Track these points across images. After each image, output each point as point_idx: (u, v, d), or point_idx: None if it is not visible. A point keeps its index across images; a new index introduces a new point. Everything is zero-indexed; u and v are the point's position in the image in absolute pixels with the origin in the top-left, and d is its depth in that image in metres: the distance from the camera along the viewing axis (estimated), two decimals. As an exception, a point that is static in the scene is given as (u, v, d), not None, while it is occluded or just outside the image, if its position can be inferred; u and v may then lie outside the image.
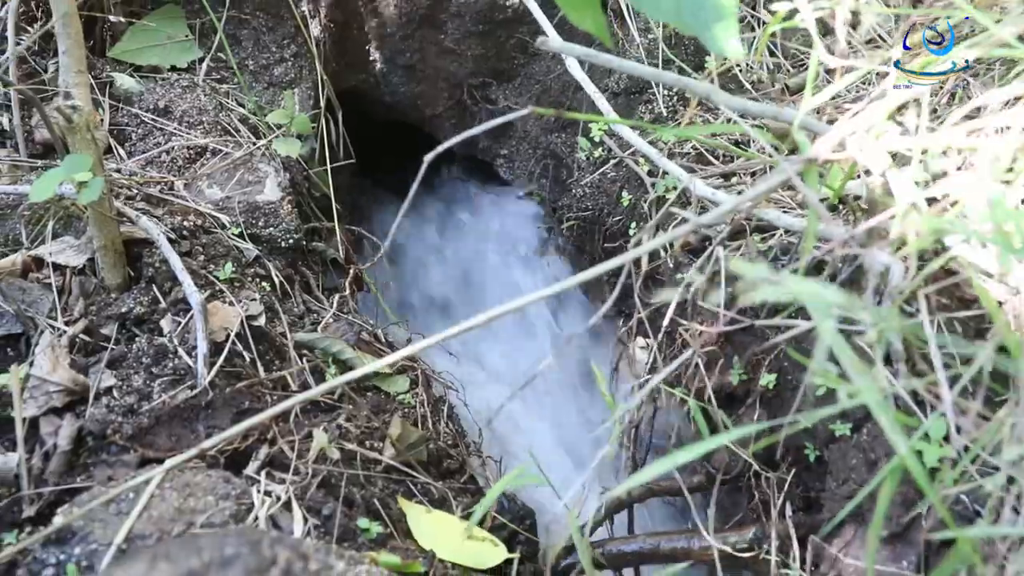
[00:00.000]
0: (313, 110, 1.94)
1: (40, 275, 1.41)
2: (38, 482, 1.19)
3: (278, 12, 1.97)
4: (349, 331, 1.54)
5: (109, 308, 1.37)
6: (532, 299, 0.89)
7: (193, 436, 1.25)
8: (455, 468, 1.48)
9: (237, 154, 1.65)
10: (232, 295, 1.43)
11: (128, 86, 1.74)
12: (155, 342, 1.32)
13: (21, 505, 1.16)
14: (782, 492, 1.30)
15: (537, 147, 2.13)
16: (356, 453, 1.29)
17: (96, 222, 1.35)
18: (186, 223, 1.50)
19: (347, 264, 1.76)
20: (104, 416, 1.23)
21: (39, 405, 1.25)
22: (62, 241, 1.44)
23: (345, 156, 2.01)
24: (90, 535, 1.06)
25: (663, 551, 1.31)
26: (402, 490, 1.32)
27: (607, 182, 1.70)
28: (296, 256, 1.65)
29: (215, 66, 1.89)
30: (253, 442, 1.24)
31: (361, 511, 1.22)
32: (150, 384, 1.27)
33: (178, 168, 1.62)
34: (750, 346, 1.23)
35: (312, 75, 1.98)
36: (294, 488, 1.19)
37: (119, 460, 1.21)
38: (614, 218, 1.67)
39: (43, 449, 1.23)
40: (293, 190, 1.69)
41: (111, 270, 1.39)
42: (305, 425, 1.29)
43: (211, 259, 1.47)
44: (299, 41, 1.98)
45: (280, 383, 1.37)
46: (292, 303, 1.55)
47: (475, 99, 2.18)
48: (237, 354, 1.35)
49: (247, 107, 1.82)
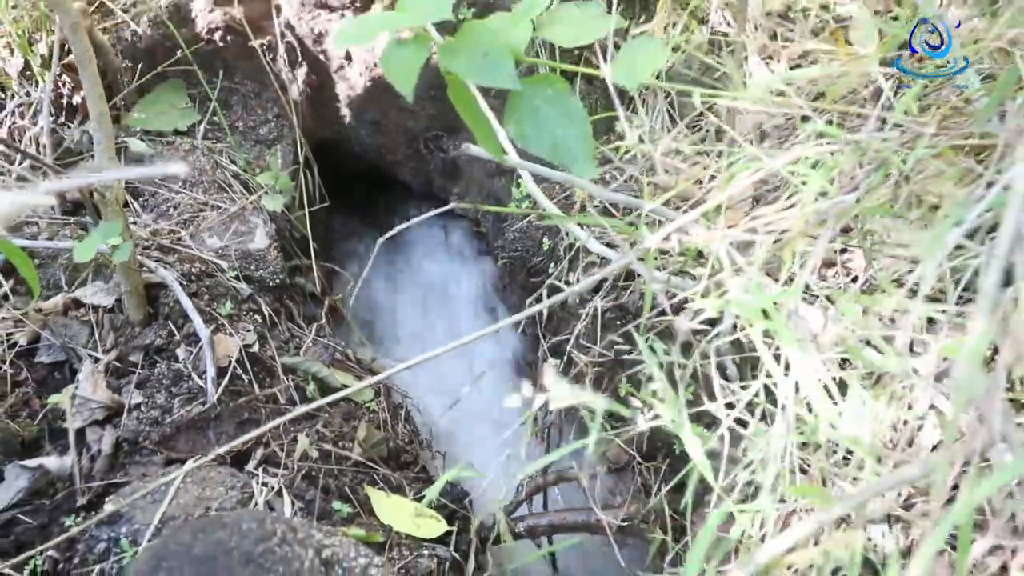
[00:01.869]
0: (293, 164, 2.24)
1: (78, 313, 1.70)
2: (87, 478, 1.49)
3: (262, 79, 2.25)
4: (325, 353, 1.85)
5: (135, 340, 1.66)
6: (476, 336, 1.21)
7: (205, 441, 1.56)
8: (410, 461, 1.79)
9: (232, 209, 1.95)
10: (232, 327, 1.73)
11: (140, 150, 2.02)
12: (173, 367, 1.62)
13: (76, 496, 1.46)
14: (658, 477, 1.63)
15: (481, 189, 2.43)
16: (331, 452, 1.60)
17: (123, 272, 1.64)
18: (193, 269, 1.80)
19: (323, 296, 2.07)
20: (136, 427, 1.54)
21: (84, 418, 1.55)
22: (94, 285, 1.73)
23: (320, 200, 2.31)
24: (133, 518, 1.37)
25: (567, 523, 1.64)
26: (367, 480, 1.64)
27: (532, 229, 2.01)
28: (281, 292, 1.95)
29: (211, 128, 2.18)
30: (252, 445, 1.55)
31: (335, 496, 1.53)
32: (170, 401, 1.58)
33: (184, 221, 1.92)
34: (629, 368, 1.56)
35: (292, 133, 2.28)
36: (284, 480, 1.50)
37: (150, 460, 1.51)
38: (537, 258, 1.98)
39: (89, 453, 1.53)
40: (278, 237, 2.00)
41: (135, 309, 1.69)
42: (291, 431, 1.60)
43: (214, 298, 1.77)
44: (280, 103, 2.27)
45: (271, 398, 1.67)
46: (279, 331, 1.86)
47: (429, 149, 2.47)
48: (237, 376, 1.65)
49: (238, 163, 2.12)
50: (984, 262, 1.04)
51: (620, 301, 1.55)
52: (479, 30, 1.06)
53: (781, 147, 1.49)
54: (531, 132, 1.10)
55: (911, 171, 1.11)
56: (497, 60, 1.03)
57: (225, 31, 2.14)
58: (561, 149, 1.17)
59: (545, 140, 1.13)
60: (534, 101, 1.10)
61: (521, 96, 1.07)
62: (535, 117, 1.11)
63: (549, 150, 1.17)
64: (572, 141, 1.16)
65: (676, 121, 1.95)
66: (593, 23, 1.15)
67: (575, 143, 1.17)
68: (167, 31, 2.05)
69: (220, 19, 2.12)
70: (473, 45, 1.04)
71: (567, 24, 1.15)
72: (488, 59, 1.04)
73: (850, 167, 1.20)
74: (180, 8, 2.09)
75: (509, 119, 1.05)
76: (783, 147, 1.47)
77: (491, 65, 1.03)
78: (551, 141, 1.15)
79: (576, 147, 1.18)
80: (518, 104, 1.07)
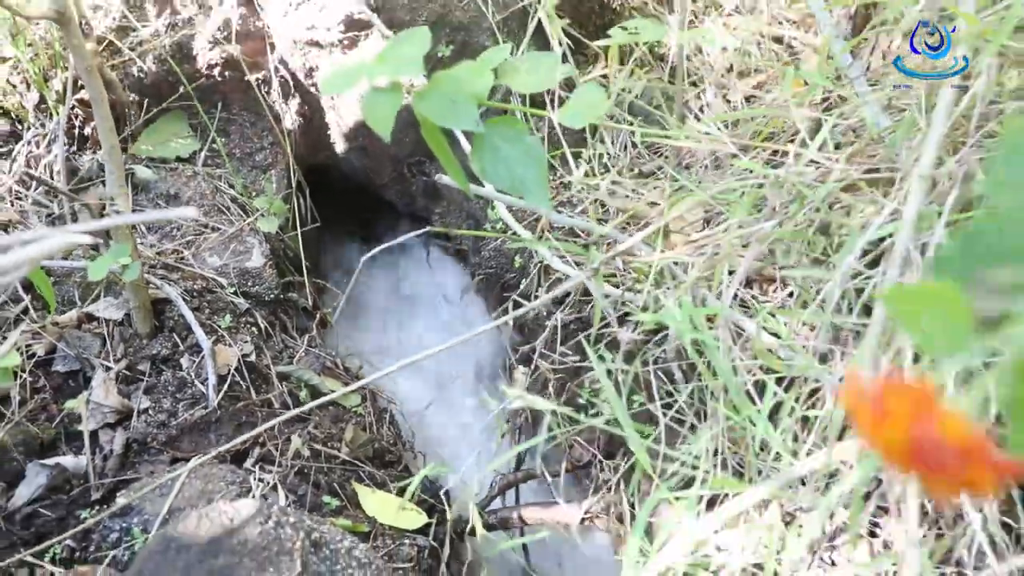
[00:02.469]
0: (287, 188, 2.39)
1: (91, 327, 1.84)
2: (100, 476, 1.63)
3: (258, 110, 2.41)
4: (316, 362, 2.00)
5: (143, 350, 1.81)
6: (447, 346, 1.36)
7: (207, 442, 1.70)
8: (394, 460, 1.94)
9: (230, 230, 2.10)
10: (231, 339, 1.88)
11: (146, 176, 2.17)
12: (177, 375, 1.77)
13: (90, 492, 1.60)
14: (618, 474, 1.78)
15: (461, 209, 2.58)
16: (321, 451, 1.75)
17: (131, 289, 1.78)
18: (195, 286, 1.95)
19: (314, 310, 2.22)
20: (144, 429, 1.68)
21: (97, 421, 1.69)
22: (106, 301, 1.87)
23: (312, 221, 2.46)
24: (143, 510, 1.51)
25: (535, 517, 1.79)
26: (354, 477, 1.78)
27: (505, 247, 2.17)
28: (276, 306, 2.10)
29: (210, 155, 2.33)
30: (250, 445, 1.69)
31: (325, 491, 1.68)
32: (175, 406, 1.72)
33: (186, 242, 2.07)
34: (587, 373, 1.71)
35: (285, 159, 2.43)
36: (278, 476, 1.64)
37: (157, 459, 1.65)
38: (510, 275, 2.14)
39: (102, 453, 1.67)
40: (273, 256, 2.15)
41: (143, 323, 1.83)
42: (286, 432, 1.75)
43: (214, 312, 1.92)
44: (275, 132, 2.42)
45: (267, 403, 1.82)
46: (274, 342, 2.00)
47: (412, 172, 2.63)
48: (236, 383, 1.80)
49: (236, 188, 2.27)
50: (879, 282, 1.20)
51: (581, 314, 1.70)
52: (447, 79, 1.20)
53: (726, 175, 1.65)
54: (493, 168, 1.23)
55: (822, 202, 1.27)
56: (463, 106, 1.17)
57: (223, 67, 2.30)
58: (519, 183, 1.31)
59: (505, 176, 1.26)
60: (495, 141, 1.23)
61: (484, 137, 1.21)
62: (496, 155, 1.24)
63: (509, 184, 1.31)
64: (529, 177, 1.30)
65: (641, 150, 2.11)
66: (547, 72, 1.29)
67: (531, 178, 1.31)
68: (170, 67, 2.21)
69: (219, 56, 2.27)
70: (442, 93, 1.18)
71: (524, 73, 1.30)
72: (455, 105, 1.18)
73: (773, 197, 1.35)
74: (182, 46, 2.25)
75: (474, 157, 1.18)
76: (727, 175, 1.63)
77: (458, 111, 1.17)
78: (510, 177, 1.28)
79: (532, 182, 1.32)
80: (481, 144, 1.21)
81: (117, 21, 2.21)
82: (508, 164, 1.18)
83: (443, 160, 1.28)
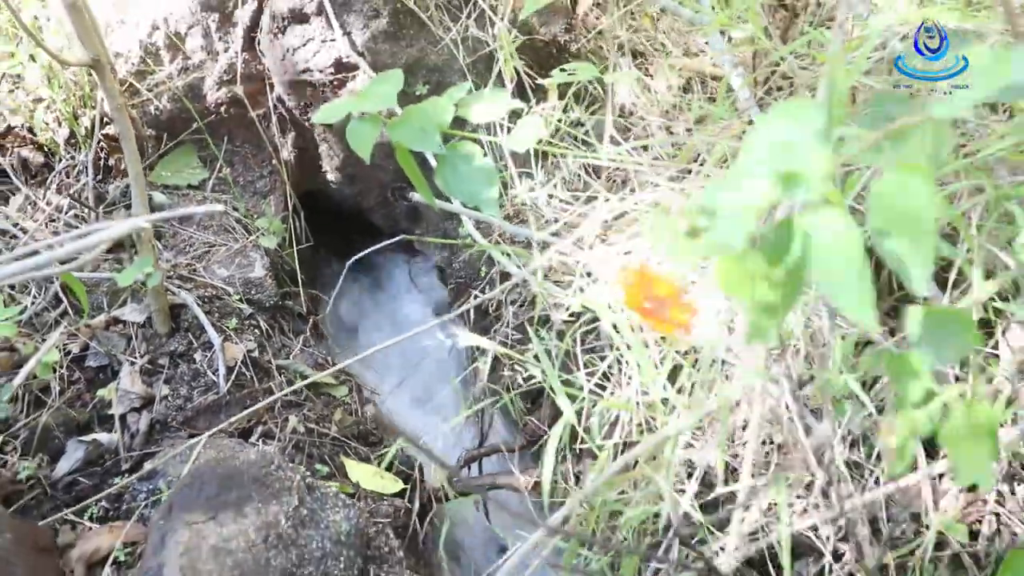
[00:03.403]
0: (284, 211, 2.68)
1: (118, 328, 2.12)
2: (129, 450, 1.89)
3: (259, 143, 2.69)
4: (310, 358, 2.27)
5: (162, 348, 2.08)
6: (414, 332, 1.65)
7: (218, 422, 1.96)
8: (375, 441, 2.22)
9: (235, 246, 2.39)
10: (237, 337, 2.15)
11: (161, 201, 2.46)
12: (192, 367, 2.04)
13: (120, 463, 1.87)
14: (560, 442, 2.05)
15: (438, 228, 2.87)
16: (314, 429, 2.02)
17: (153, 295, 2.06)
18: (206, 293, 2.23)
19: (308, 315, 2.51)
20: (165, 411, 1.95)
21: (125, 406, 1.96)
22: (130, 306, 2.15)
23: (306, 240, 2.75)
24: (166, 473, 1.78)
25: (495, 484, 2.06)
26: (342, 452, 2.05)
27: (474, 260, 2.46)
28: (275, 311, 2.38)
29: (217, 183, 2.61)
30: (253, 424, 1.97)
31: (317, 461, 1.95)
32: (191, 392, 1.99)
33: (198, 256, 2.35)
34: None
35: (283, 186, 2.72)
36: (278, 448, 1.91)
37: (176, 436, 1.92)
38: (478, 283, 2.43)
39: (130, 432, 1.93)
40: (273, 269, 2.43)
41: (162, 324, 2.11)
42: (284, 413, 2.02)
43: (223, 315, 2.19)
44: (273, 162, 2.72)
45: (268, 390, 2.09)
46: (274, 341, 2.28)
47: (395, 196, 2.91)
48: (242, 374, 2.07)
49: (240, 211, 2.55)
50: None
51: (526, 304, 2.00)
52: (417, 112, 1.44)
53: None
54: (452, 184, 1.45)
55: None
56: (429, 133, 1.42)
57: (229, 105, 2.59)
58: (474, 196, 1.56)
59: (464, 190, 1.49)
60: (455, 161, 1.46)
61: (446, 158, 1.45)
62: (456, 173, 1.46)
63: (467, 197, 1.55)
64: (482, 191, 1.56)
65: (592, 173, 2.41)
66: (498, 105, 1.55)
67: (484, 192, 1.56)
68: (183, 106, 2.50)
69: (225, 95, 2.57)
70: (412, 123, 1.41)
71: (479, 106, 1.57)
72: (423, 133, 1.43)
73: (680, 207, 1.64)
74: (193, 87, 2.54)
75: (438, 174, 1.36)
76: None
77: (424, 137, 1.41)
78: (467, 191, 1.50)
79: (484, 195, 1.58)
80: (443, 163, 1.43)
81: (136, 66, 2.51)
82: (465, 180, 1.38)
83: (413, 178, 1.54)
